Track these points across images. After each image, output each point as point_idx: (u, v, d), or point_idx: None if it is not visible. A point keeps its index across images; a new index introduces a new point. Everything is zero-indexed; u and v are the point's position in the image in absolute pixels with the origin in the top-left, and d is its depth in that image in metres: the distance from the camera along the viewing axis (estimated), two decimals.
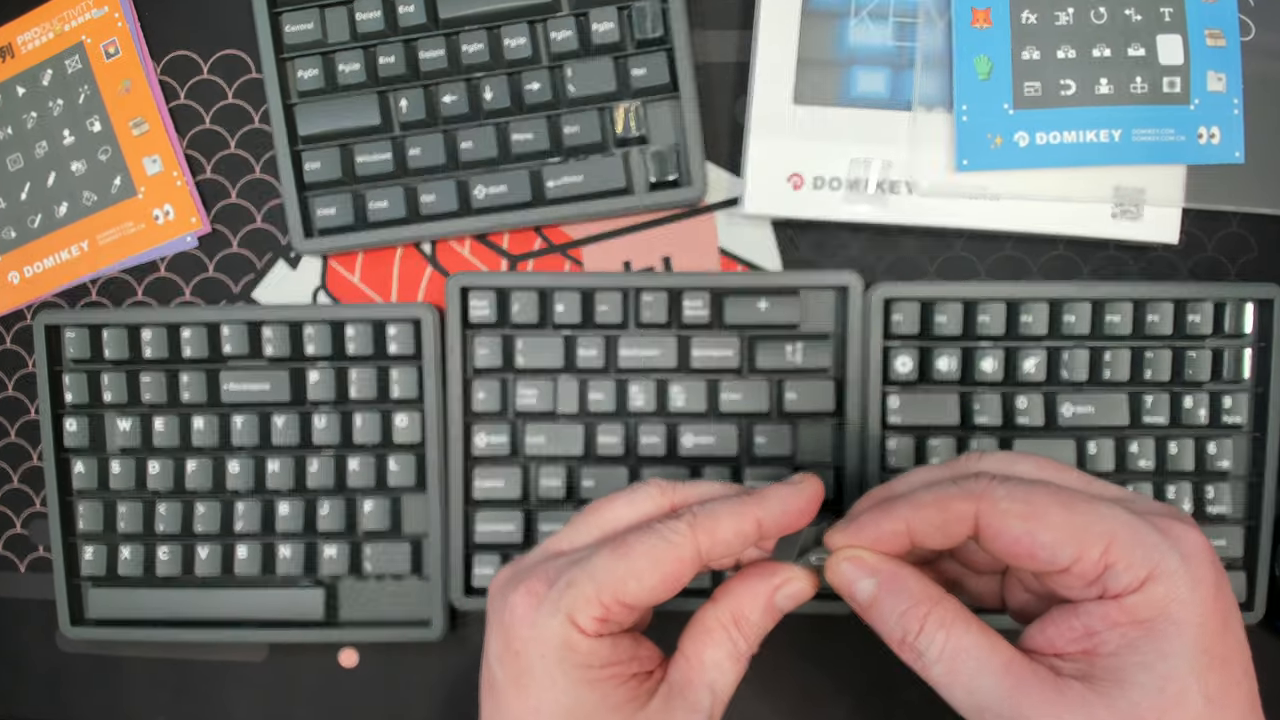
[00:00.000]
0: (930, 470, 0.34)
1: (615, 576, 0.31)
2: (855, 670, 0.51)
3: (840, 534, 0.32)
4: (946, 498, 0.30)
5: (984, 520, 0.30)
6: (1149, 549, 0.28)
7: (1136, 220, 0.48)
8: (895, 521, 0.31)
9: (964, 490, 0.30)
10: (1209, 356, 0.47)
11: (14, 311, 0.54)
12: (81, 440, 0.51)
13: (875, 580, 0.31)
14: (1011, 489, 0.29)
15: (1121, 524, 0.28)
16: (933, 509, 0.30)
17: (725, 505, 0.32)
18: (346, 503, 0.50)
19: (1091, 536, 0.28)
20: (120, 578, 0.51)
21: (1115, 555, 0.28)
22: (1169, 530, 0.29)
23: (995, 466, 0.32)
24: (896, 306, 0.47)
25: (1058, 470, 0.32)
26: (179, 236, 0.53)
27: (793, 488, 0.33)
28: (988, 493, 0.30)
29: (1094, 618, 0.29)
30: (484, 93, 0.49)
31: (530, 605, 0.32)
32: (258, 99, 0.52)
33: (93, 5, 0.53)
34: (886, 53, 0.48)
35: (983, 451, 0.34)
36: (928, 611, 0.30)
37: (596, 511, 0.35)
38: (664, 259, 0.51)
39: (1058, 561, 0.29)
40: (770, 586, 0.33)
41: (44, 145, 0.53)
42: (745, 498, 0.33)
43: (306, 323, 0.49)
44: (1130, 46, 0.47)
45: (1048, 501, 0.29)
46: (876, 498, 0.34)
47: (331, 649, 0.53)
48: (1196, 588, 0.28)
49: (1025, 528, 0.29)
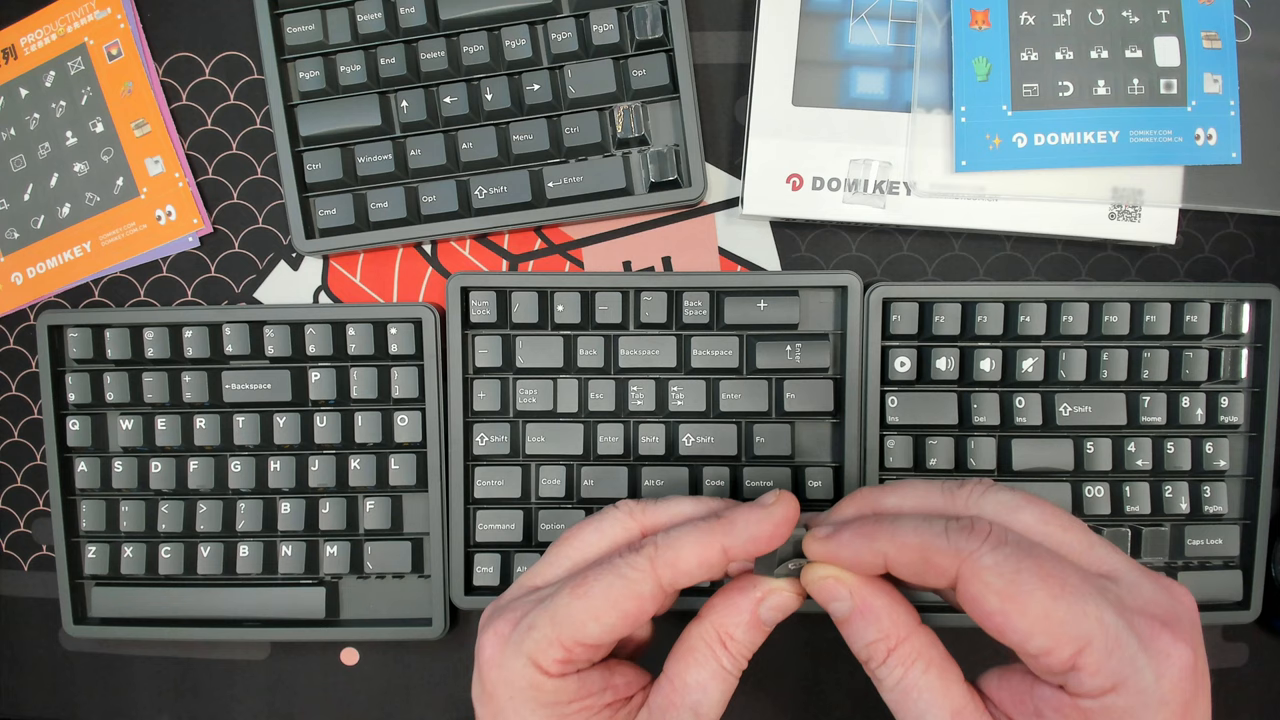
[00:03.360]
0: (927, 492, 0.32)
1: (574, 618, 0.31)
2: (856, 667, 0.51)
3: (819, 545, 0.32)
4: (932, 548, 0.29)
5: (964, 584, 0.28)
6: (1122, 661, 0.27)
7: (1134, 221, 0.48)
8: (874, 554, 0.30)
9: (951, 546, 0.29)
10: (1206, 356, 0.47)
11: (17, 312, 0.55)
12: (84, 440, 0.51)
13: (849, 604, 0.31)
14: (1000, 560, 0.28)
15: (1101, 629, 0.27)
16: (915, 553, 0.29)
17: (689, 535, 0.31)
18: (348, 502, 0.50)
19: (1067, 636, 0.27)
20: (123, 576, 0.51)
21: (1086, 660, 0.27)
22: (1153, 641, 0.27)
23: (995, 513, 0.30)
24: (895, 307, 0.48)
25: (1061, 525, 0.30)
26: (181, 237, 0.53)
27: (761, 511, 0.32)
28: (974, 558, 0.28)
29: (1048, 704, 0.28)
30: (484, 94, 0.49)
31: (497, 647, 0.32)
32: (259, 100, 0.53)
33: (95, 7, 0.53)
34: (885, 54, 0.48)
35: (988, 484, 0.32)
36: (893, 647, 0.30)
37: (567, 542, 0.34)
38: (664, 259, 0.52)
39: (1026, 648, 0.28)
40: (753, 600, 0.32)
41: (47, 146, 0.54)
42: (712, 524, 0.32)
43: (308, 323, 0.50)
44: (1128, 48, 0.47)
45: (1033, 586, 0.27)
46: (864, 505, 0.33)
47: (333, 647, 0.53)
48: (1160, 709, 0.27)
49: (1002, 607, 0.27)
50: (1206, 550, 0.48)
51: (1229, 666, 0.51)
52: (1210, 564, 0.48)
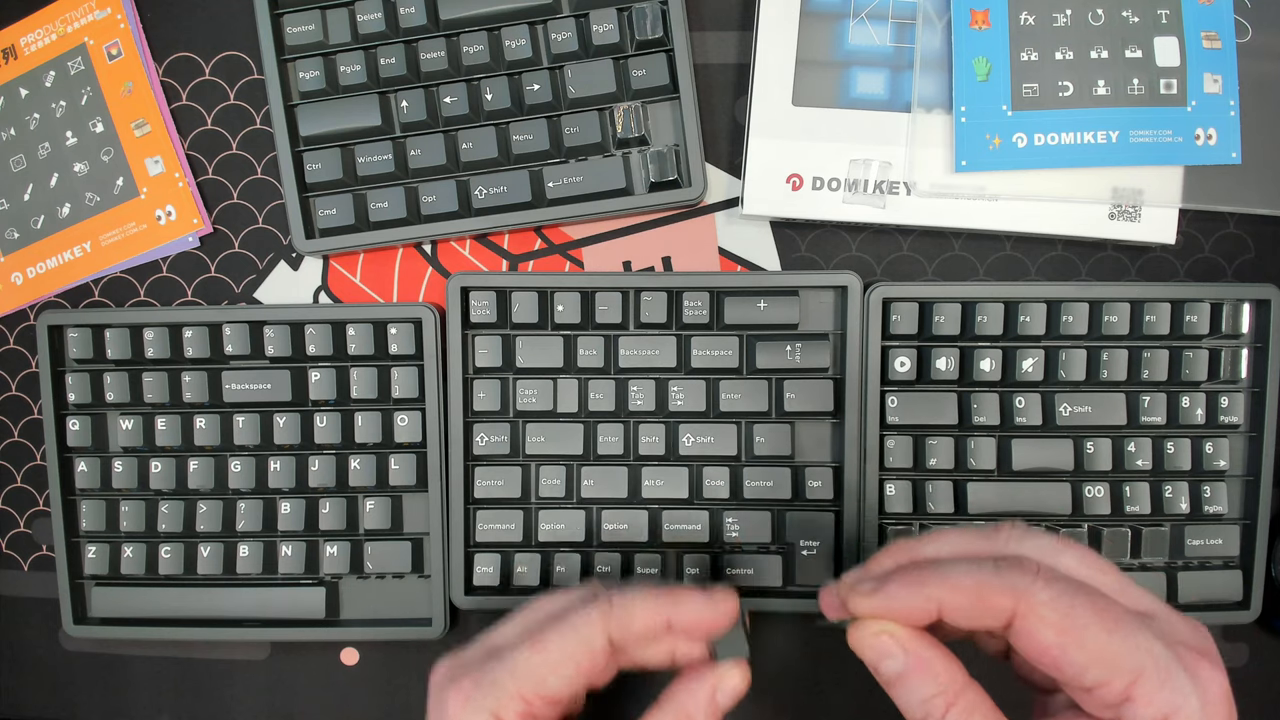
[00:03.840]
0: (966, 539, 0.33)
1: (534, 673, 0.33)
2: (857, 667, 0.51)
3: (867, 600, 0.31)
4: (987, 587, 0.29)
5: (1020, 621, 0.29)
6: (1173, 690, 0.28)
7: (1134, 221, 0.48)
8: (927, 600, 0.30)
9: (1006, 583, 0.29)
10: (1206, 356, 0.47)
11: (17, 311, 0.55)
12: (84, 440, 0.51)
13: (904, 660, 0.31)
14: (1055, 595, 0.29)
15: (1153, 659, 0.28)
16: (970, 595, 0.29)
17: (641, 599, 0.34)
18: (348, 502, 0.50)
19: (1122, 666, 0.28)
20: (123, 576, 0.51)
21: (1140, 690, 0.28)
22: (1196, 671, 0.28)
23: (1038, 554, 0.31)
24: (895, 307, 0.48)
25: (1099, 568, 0.31)
26: (181, 237, 0.53)
27: (707, 601, 0.34)
28: (1029, 593, 0.29)
29: None
30: (484, 94, 0.49)
31: (460, 704, 0.33)
32: (259, 100, 0.53)
33: (95, 7, 0.53)
34: (885, 54, 0.48)
35: (1023, 527, 0.32)
36: (952, 701, 0.30)
37: (529, 606, 0.37)
38: (664, 259, 0.52)
39: (1083, 681, 0.28)
40: (710, 687, 0.34)
41: (47, 146, 0.54)
42: (662, 595, 0.34)
43: (308, 323, 0.50)
44: (1128, 48, 0.47)
45: (1088, 619, 0.28)
46: (902, 556, 0.33)
47: (333, 647, 0.53)
48: None
49: (1059, 641, 0.28)
50: (1206, 550, 0.48)
51: (1229, 666, 0.50)
52: (1210, 564, 0.48)
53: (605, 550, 0.49)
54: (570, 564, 0.49)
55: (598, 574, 0.49)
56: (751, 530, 0.48)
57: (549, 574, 0.49)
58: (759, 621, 0.51)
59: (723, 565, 0.48)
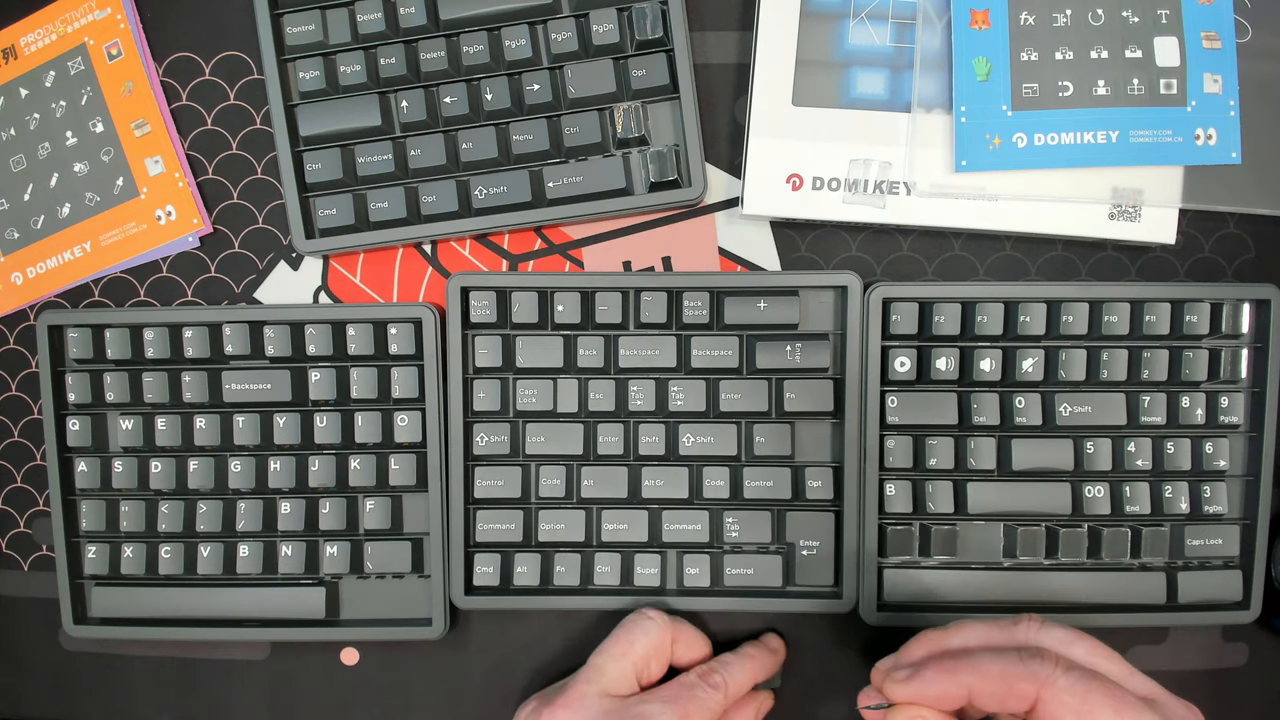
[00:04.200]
0: (988, 630, 0.37)
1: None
2: (857, 668, 0.51)
3: (903, 687, 0.35)
4: (1013, 675, 0.33)
5: (1043, 705, 0.33)
6: None
7: (1134, 221, 0.48)
8: (959, 686, 0.34)
9: (1030, 671, 0.33)
10: (1206, 356, 0.47)
11: (17, 311, 0.55)
12: (84, 440, 0.51)
13: None
14: (1073, 681, 0.33)
15: None
16: (998, 682, 0.34)
17: (745, 667, 0.45)
18: (348, 502, 0.50)
19: None
20: (123, 576, 0.51)
21: None
22: None
23: (1055, 645, 0.35)
24: (895, 307, 0.48)
25: (1107, 657, 0.35)
26: (181, 237, 0.53)
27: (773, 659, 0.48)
28: (1051, 680, 0.33)
29: None
30: (484, 94, 0.49)
31: None
32: (259, 100, 0.53)
33: (95, 7, 0.53)
34: (885, 54, 0.48)
35: (1039, 620, 0.36)
36: None
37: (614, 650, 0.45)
38: (664, 259, 0.52)
39: None
40: (754, 710, 0.46)
41: (47, 146, 0.54)
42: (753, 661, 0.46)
43: (308, 323, 0.50)
44: (1128, 48, 0.47)
45: (1102, 703, 0.32)
46: (932, 647, 0.37)
47: (333, 647, 0.53)
48: None
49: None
50: (1206, 550, 0.48)
51: (1229, 666, 0.51)
52: (1210, 564, 0.48)
53: (605, 550, 0.49)
54: (570, 564, 0.49)
55: (597, 574, 0.49)
56: (751, 530, 0.48)
57: (549, 574, 0.49)
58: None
59: (723, 565, 0.48)
